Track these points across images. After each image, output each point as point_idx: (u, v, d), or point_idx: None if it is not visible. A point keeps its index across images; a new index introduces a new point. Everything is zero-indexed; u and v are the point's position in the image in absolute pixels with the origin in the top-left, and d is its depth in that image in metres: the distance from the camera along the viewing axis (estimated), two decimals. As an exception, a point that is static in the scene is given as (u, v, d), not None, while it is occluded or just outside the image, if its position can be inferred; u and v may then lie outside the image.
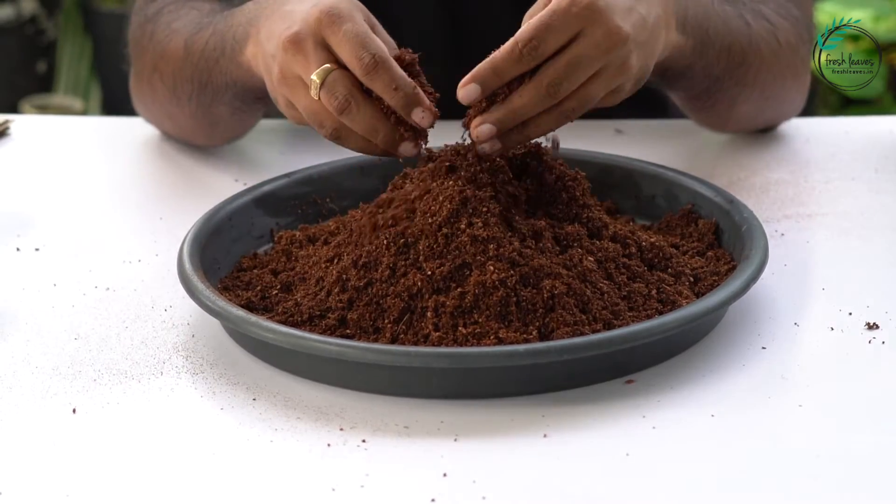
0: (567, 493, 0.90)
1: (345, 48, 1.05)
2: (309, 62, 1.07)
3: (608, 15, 1.04)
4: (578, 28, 1.04)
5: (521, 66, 1.04)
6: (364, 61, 1.04)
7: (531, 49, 1.03)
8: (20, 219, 1.31)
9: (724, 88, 1.28)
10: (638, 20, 1.07)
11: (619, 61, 1.06)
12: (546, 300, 1.00)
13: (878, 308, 1.09)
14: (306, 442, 0.95)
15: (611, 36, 1.04)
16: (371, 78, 1.05)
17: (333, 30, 1.06)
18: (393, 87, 1.04)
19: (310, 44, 1.07)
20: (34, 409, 1.00)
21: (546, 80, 1.03)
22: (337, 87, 1.05)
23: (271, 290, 1.09)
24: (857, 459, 0.92)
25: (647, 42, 1.09)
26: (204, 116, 1.34)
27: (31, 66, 3.19)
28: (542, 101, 1.04)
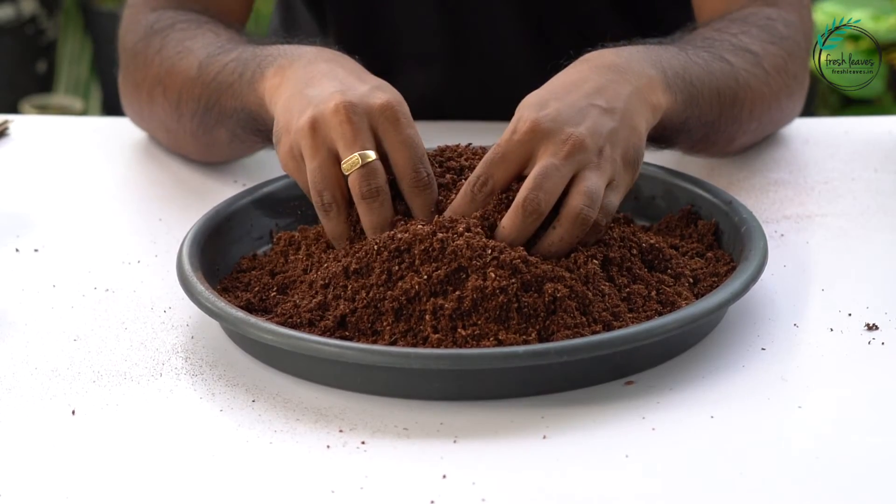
0: (567, 494, 0.90)
1: (405, 153, 1.08)
2: (355, 137, 1.07)
3: (553, 129, 1.05)
4: (527, 153, 1.06)
5: (475, 204, 1.06)
6: (420, 176, 1.07)
7: (481, 185, 1.06)
8: (20, 219, 1.31)
9: (721, 130, 1.27)
10: (596, 116, 1.07)
11: (592, 158, 1.06)
12: (547, 304, 1.00)
13: (878, 309, 1.09)
14: (306, 443, 0.95)
15: (564, 145, 1.05)
16: (418, 193, 1.08)
17: (398, 127, 1.08)
18: (431, 210, 1.08)
19: (364, 123, 1.08)
20: (33, 411, 1.00)
21: (520, 199, 1.04)
22: (374, 176, 1.07)
23: (270, 291, 1.09)
24: (857, 460, 0.92)
25: (618, 129, 1.08)
26: (203, 136, 1.34)
27: (31, 66, 3.19)
28: (526, 221, 1.04)
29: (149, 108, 1.38)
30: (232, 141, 1.31)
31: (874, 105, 2.62)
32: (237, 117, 1.26)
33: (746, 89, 1.26)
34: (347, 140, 1.07)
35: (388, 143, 1.08)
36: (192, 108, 1.32)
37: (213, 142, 1.34)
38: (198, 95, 1.30)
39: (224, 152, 1.36)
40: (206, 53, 1.31)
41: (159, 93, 1.35)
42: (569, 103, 1.08)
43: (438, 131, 1.15)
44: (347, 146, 1.07)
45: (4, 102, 3.03)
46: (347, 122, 1.07)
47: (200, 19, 1.37)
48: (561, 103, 1.07)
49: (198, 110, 1.31)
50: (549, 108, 1.07)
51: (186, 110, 1.32)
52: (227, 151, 1.36)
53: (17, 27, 3.14)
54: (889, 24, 2.42)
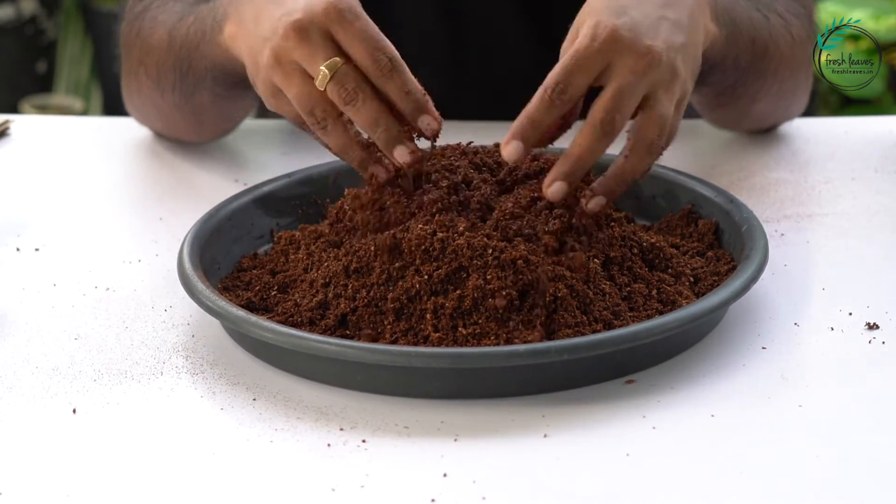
0: (567, 493, 0.90)
1: (359, 46, 1.06)
2: (315, 52, 1.06)
3: (633, 40, 1.04)
4: (605, 62, 1.04)
5: (554, 112, 1.04)
6: (381, 62, 1.05)
7: (559, 93, 1.03)
8: (20, 219, 1.31)
9: (748, 82, 1.28)
10: (669, 29, 1.07)
11: (666, 75, 1.05)
12: (548, 304, 1.00)
13: (878, 308, 1.09)
14: (306, 442, 0.95)
15: (643, 59, 1.04)
16: (386, 79, 1.05)
17: (345, 25, 1.06)
18: (405, 91, 1.05)
19: (316, 34, 1.07)
20: (34, 409, 1.00)
21: (597, 118, 1.03)
22: (347, 79, 1.05)
23: (271, 290, 1.09)
24: (857, 459, 0.92)
25: (686, 44, 1.08)
26: (187, 105, 1.34)
27: (31, 66, 3.19)
28: (601, 140, 1.03)
29: (138, 94, 1.39)
30: (215, 101, 1.32)
31: (874, 105, 2.62)
32: (211, 76, 1.27)
33: (776, 47, 1.27)
34: (307, 58, 1.07)
35: (344, 44, 1.07)
36: (170, 81, 1.32)
37: (198, 109, 1.34)
38: (171, 66, 1.31)
39: (213, 117, 1.36)
40: (171, 23, 1.31)
41: (142, 73, 1.35)
42: (644, 13, 1.07)
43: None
44: (310, 64, 1.07)
45: (4, 102, 3.02)
46: (300, 41, 1.07)
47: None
48: (636, 12, 1.06)
49: (175, 81, 1.31)
50: (627, 15, 1.06)
51: (166, 84, 1.33)
52: (215, 115, 1.36)
53: (17, 27, 3.14)
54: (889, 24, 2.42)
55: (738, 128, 1.41)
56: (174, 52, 1.30)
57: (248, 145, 1.45)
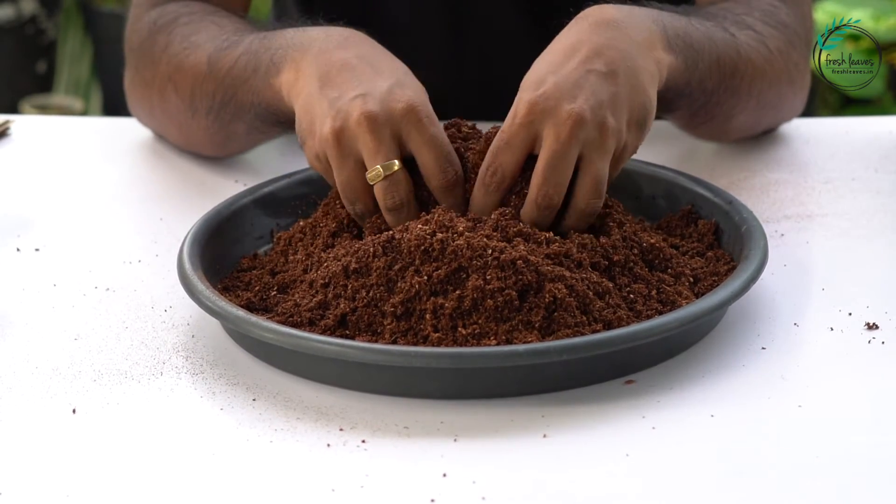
0: (567, 493, 0.90)
1: (429, 154, 1.08)
2: (379, 149, 1.08)
3: (552, 108, 1.05)
4: (531, 136, 1.06)
5: (493, 195, 1.07)
6: (448, 176, 1.08)
7: (492, 175, 1.07)
8: (20, 219, 1.31)
9: (720, 102, 1.27)
10: (595, 83, 1.07)
11: (594, 134, 1.06)
12: (548, 304, 1.00)
13: (878, 308, 1.09)
14: (306, 442, 0.95)
15: (565, 124, 1.05)
16: (447, 192, 1.08)
17: (419, 129, 1.08)
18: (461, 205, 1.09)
19: (387, 132, 1.08)
20: (34, 410, 1.00)
21: (532, 197, 1.06)
22: (399, 187, 1.08)
23: (270, 290, 1.09)
24: (857, 459, 0.92)
25: (619, 92, 1.08)
26: (219, 132, 1.34)
27: (31, 66, 3.19)
28: (543, 214, 1.06)
29: (161, 107, 1.38)
30: (250, 133, 1.32)
31: (874, 105, 2.62)
32: (255, 112, 1.27)
33: (748, 62, 1.27)
34: (371, 151, 1.08)
35: (413, 145, 1.09)
36: (206, 105, 1.31)
37: (229, 135, 1.34)
38: (211, 91, 1.30)
39: (241, 144, 1.36)
40: (213, 47, 1.30)
41: (171, 91, 1.34)
42: (565, 75, 1.07)
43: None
44: (371, 157, 1.08)
45: (4, 102, 3.03)
46: (370, 132, 1.08)
47: (204, 10, 1.37)
48: (557, 77, 1.07)
49: (213, 106, 1.31)
50: (546, 84, 1.07)
51: (201, 106, 1.32)
52: (244, 143, 1.36)
53: (17, 27, 3.14)
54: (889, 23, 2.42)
55: (723, 140, 1.40)
56: (216, 80, 1.29)
57: (248, 145, 1.45)
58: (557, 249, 1.04)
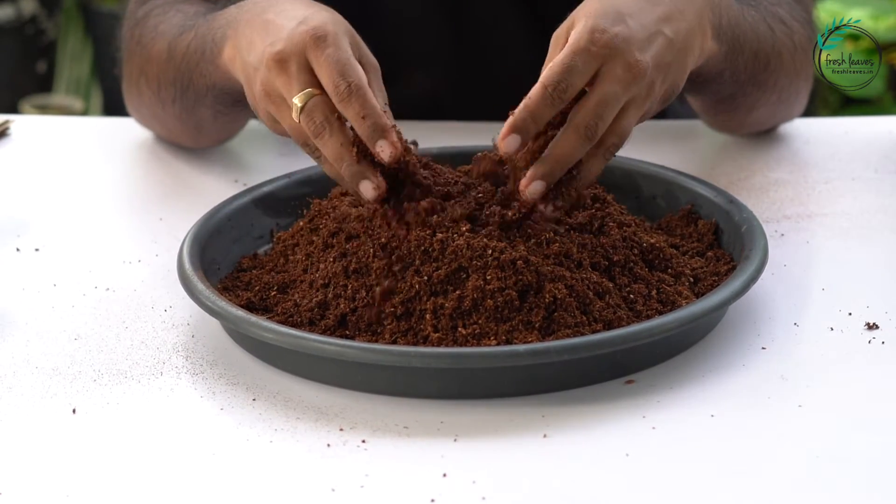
0: (567, 493, 0.90)
1: (324, 73, 1.07)
2: (291, 83, 1.08)
3: (626, 50, 1.06)
4: (599, 65, 1.05)
5: (553, 109, 1.04)
6: (339, 88, 1.06)
7: (561, 91, 1.04)
8: (20, 219, 1.31)
9: (747, 93, 1.28)
10: (661, 45, 1.08)
11: (643, 91, 1.07)
12: (548, 305, 1.00)
13: (878, 308, 1.09)
14: (306, 442, 0.95)
15: (630, 70, 1.05)
16: (344, 105, 1.06)
17: (317, 53, 1.07)
18: (361, 116, 1.04)
19: (293, 65, 1.08)
20: (34, 409, 1.00)
21: (582, 123, 1.04)
22: (315, 111, 1.07)
23: (270, 290, 1.09)
24: (857, 459, 0.92)
25: (672, 63, 1.09)
26: (188, 119, 1.34)
27: (31, 66, 3.18)
28: (583, 145, 1.04)
29: (138, 100, 1.39)
30: (216, 117, 1.32)
31: (874, 105, 2.62)
32: (212, 95, 1.27)
33: (778, 58, 1.28)
34: (285, 89, 1.08)
35: (315, 70, 1.08)
36: (171, 93, 1.32)
37: (198, 122, 1.34)
38: (172, 79, 1.31)
39: (213, 130, 1.37)
40: (172, 34, 1.31)
41: (143, 82, 1.36)
42: (642, 24, 1.08)
43: (439, 131, 1.15)
44: (287, 94, 1.08)
45: (4, 102, 3.02)
46: (280, 72, 1.08)
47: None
48: (635, 22, 1.07)
49: (176, 94, 1.32)
50: (625, 24, 1.07)
51: (167, 96, 1.33)
52: (216, 129, 1.36)
53: (17, 27, 3.14)
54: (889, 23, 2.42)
55: (736, 132, 1.41)
56: (174, 67, 1.30)
57: (247, 146, 1.45)
58: (557, 249, 1.04)
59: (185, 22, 1.32)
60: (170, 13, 1.35)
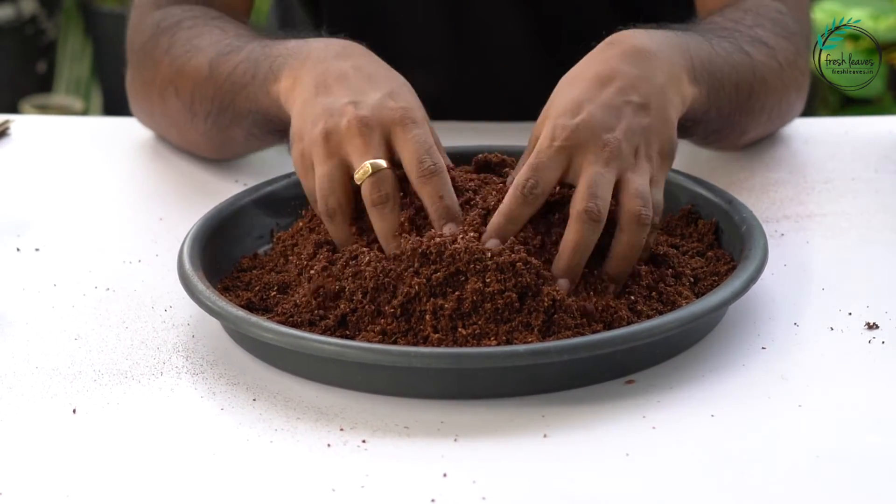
0: (567, 493, 0.90)
1: (410, 149, 1.08)
2: (367, 150, 1.09)
3: (588, 138, 1.06)
4: (567, 160, 1.06)
5: (529, 208, 1.05)
6: (424, 165, 1.08)
7: (531, 188, 1.05)
8: (20, 219, 1.31)
9: (734, 123, 1.28)
10: (630, 115, 1.08)
11: (629, 161, 1.06)
12: (548, 307, 1.00)
13: (878, 308, 1.09)
14: (306, 442, 0.95)
15: (602, 152, 1.05)
16: (424, 181, 1.07)
17: (405, 130, 1.09)
18: (440, 195, 1.07)
19: (377, 136, 1.09)
20: (34, 409, 1.00)
21: (580, 208, 1.04)
22: (384, 183, 1.08)
23: (270, 290, 1.09)
24: (857, 459, 0.92)
25: (652, 123, 1.09)
26: (217, 136, 1.34)
27: (31, 66, 3.19)
28: (589, 228, 1.03)
29: (161, 108, 1.38)
30: (248, 139, 1.32)
31: (874, 105, 2.62)
32: (253, 118, 1.27)
33: (762, 83, 1.27)
34: (359, 151, 1.09)
35: (398, 146, 1.09)
36: (205, 109, 1.32)
37: (227, 140, 1.34)
38: (211, 96, 1.30)
39: (238, 149, 1.37)
40: (215, 52, 1.31)
41: (171, 93, 1.35)
42: (602, 104, 1.08)
43: (439, 131, 1.15)
44: (359, 157, 1.09)
45: (4, 102, 3.03)
46: (360, 135, 1.09)
47: (207, 14, 1.37)
48: (594, 106, 1.07)
49: (211, 111, 1.31)
50: (584, 112, 1.07)
51: (200, 110, 1.32)
52: (242, 149, 1.36)
53: (17, 27, 3.14)
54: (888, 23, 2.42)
55: (732, 150, 1.41)
56: (215, 85, 1.29)
57: (248, 145, 1.45)
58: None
59: (230, 42, 1.31)
60: (207, 28, 1.35)
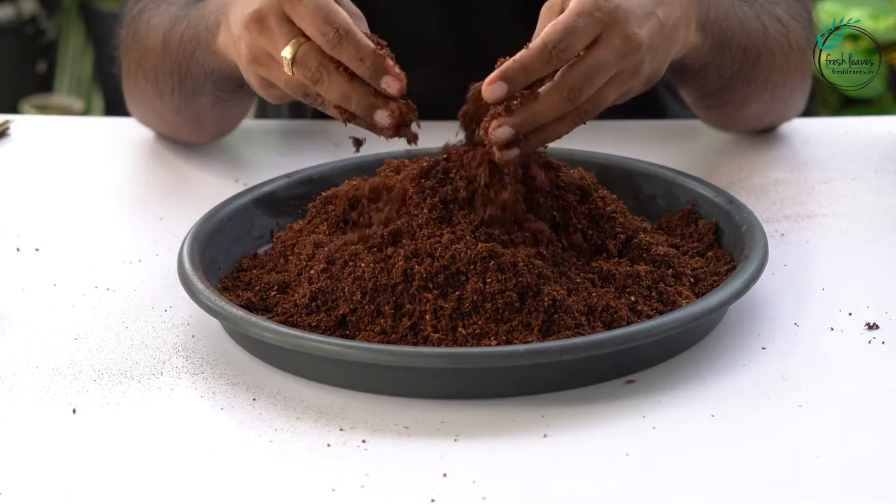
0: (567, 493, 0.90)
1: (307, 23, 1.06)
2: (276, 39, 1.07)
3: (627, 20, 1.05)
4: (600, 31, 1.05)
5: (549, 67, 1.04)
6: (328, 36, 1.05)
7: (560, 51, 1.03)
8: (20, 219, 1.31)
9: (736, 89, 1.28)
10: (654, 26, 1.08)
11: (632, 66, 1.07)
12: (547, 307, 1.00)
13: (878, 308, 1.09)
14: (306, 442, 0.95)
15: (628, 42, 1.05)
16: (337, 52, 1.05)
17: (294, 4, 1.06)
18: (359, 58, 1.05)
19: (273, 20, 1.08)
20: (34, 409, 1.00)
21: (568, 85, 1.03)
22: (308, 59, 1.06)
23: (270, 290, 1.09)
24: (857, 459, 0.92)
25: (660, 47, 1.10)
26: (187, 110, 1.34)
27: (31, 66, 3.19)
28: (563, 106, 1.04)
29: (138, 96, 1.39)
30: (215, 104, 1.32)
31: (874, 105, 2.62)
32: (211, 81, 1.27)
33: (770, 55, 1.28)
34: (272, 47, 1.08)
35: (296, 22, 1.07)
36: (169, 85, 1.32)
37: (197, 112, 1.34)
38: (169, 71, 1.31)
39: (213, 121, 1.37)
40: (165, 26, 1.32)
41: (141, 76, 1.36)
42: (640, 2, 1.07)
43: (439, 132, 1.15)
44: (276, 52, 1.08)
45: (4, 102, 3.03)
46: (261, 31, 1.08)
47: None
48: None
49: (174, 85, 1.32)
50: None
51: (165, 87, 1.33)
52: (215, 118, 1.36)
53: (17, 27, 3.14)
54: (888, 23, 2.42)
55: (732, 129, 1.41)
56: (170, 58, 1.31)
57: (247, 145, 1.45)
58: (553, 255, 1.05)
59: (177, 13, 1.32)
60: (161, 7, 1.36)
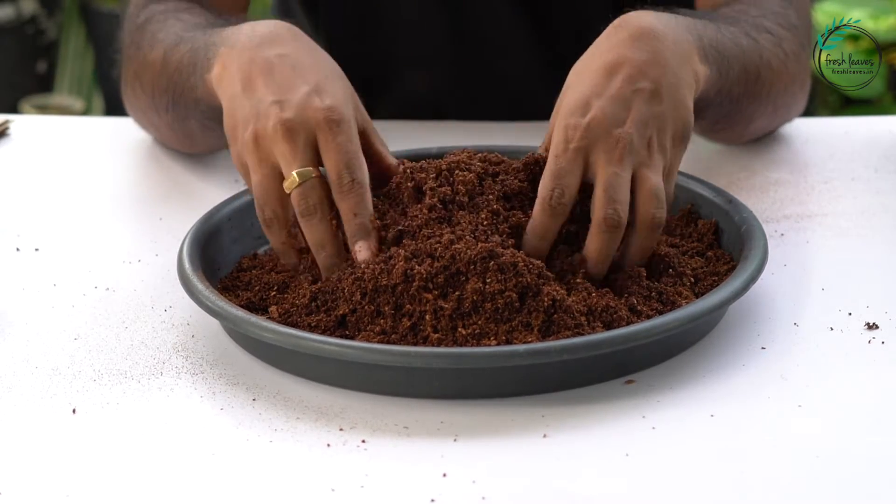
0: (567, 493, 0.90)
1: (332, 160, 1.07)
2: (294, 155, 1.08)
3: (600, 135, 1.05)
4: (584, 160, 1.05)
5: (559, 219, 1.05)
6: (343, 181, 1.07)
7: (559, 198, 1.05)
8: (20, 219, 1.31)
9: (742, 108, 1.28)
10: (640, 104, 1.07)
11: (642, 153, 1.06)
12: (547, 307, 1.00)
13: (878, 308, 1.09)
14: (306, 442, 0.95)
15: (614, 147, 1.05)
16: (341, 197, 1.07)
17: (329, 137, 1.08)
18: (353, 213, 1.06)
19: (301, 140, 1.08)
20: (34, 409, 1.00)
21: (600, 217, 1.04)
22: (311, 193, 1.07)
23: (270, 290, 1.09)
24: (857, 459, 0.92)
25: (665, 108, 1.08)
26: (179, 129, 1.34)
27: (31, 66, 3.19)
28: (612, 236, 1.04)
29: (136, 103, 1.39)
30: (204, 131, 1.32)
31: (874, 105, 2.62)
32: (200, 109, 1.27)
33: (768, 68, 1.27)
34: (287, 159, 1.08)
35: (322, 153, 1.08)
36: (164, 102, 1.32)
37: (189, 133, 1.34)
38: (164, 88, 1.31)
39: (202, 142, 1.37)
40: (168, 44, 1.31)
41: (139, 87, 1.36)
42: (611, 97, 1.07)
43: (439, 131, 1.15)
44: (287, 164, 1.08)
45: (4, 102, 3.03)
46: (285, 140, 1.08)
47: (178, 7, 1.37)
48: (603, 100, 1.07)
49: (168, 103, 1.32)
50: (593, 108, 1.06)
51: (160, 103, 1.33)
52: (204, 142, 1.36)
53: (17, 27, 3.14)
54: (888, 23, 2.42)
55: (737, 143, 1.41)
56: (167, 76, 1.30)
57: (247, 145, 1.45)
58: None
59: (182, 33, 1.31)
60: (169, 21, 1.35)
